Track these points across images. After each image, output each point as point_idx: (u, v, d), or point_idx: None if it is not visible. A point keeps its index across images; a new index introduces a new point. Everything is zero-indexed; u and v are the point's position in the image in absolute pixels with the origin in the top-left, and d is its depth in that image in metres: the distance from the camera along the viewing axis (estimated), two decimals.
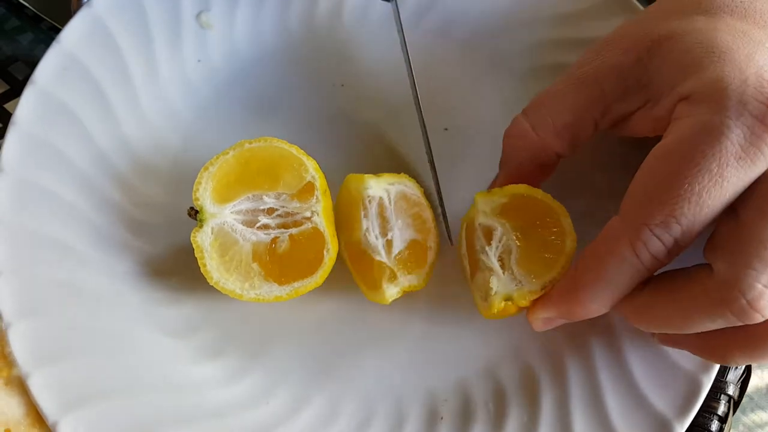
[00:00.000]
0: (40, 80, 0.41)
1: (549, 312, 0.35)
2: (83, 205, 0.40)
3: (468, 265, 0.38)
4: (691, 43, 0.32)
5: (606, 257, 0.32)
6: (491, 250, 0.36)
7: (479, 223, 0.37)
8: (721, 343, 0.33)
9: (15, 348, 0.36)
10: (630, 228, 0.31)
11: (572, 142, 0.37)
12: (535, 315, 0.36)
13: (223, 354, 0.40)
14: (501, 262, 0.36)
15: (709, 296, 0.30)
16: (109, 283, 0.40)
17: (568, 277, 0.34)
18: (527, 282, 0.36)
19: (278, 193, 0.39)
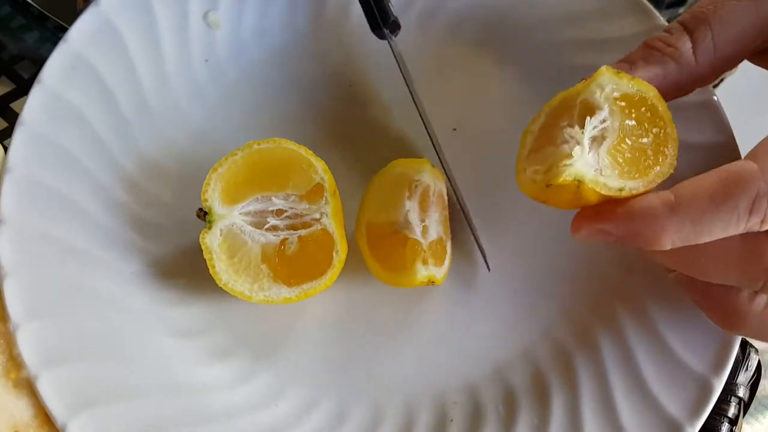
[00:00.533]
0: (47, 80, 0.41)
1: (618, 224, 0.31)
2: (91, 206, 0.40)
3: (530, 142, 0.34)
4: None
5: (721, 199, 0.29)
6: (589, 125, 0.31)
7: (585, 99, 0.32)
8: (736, 309, 0.33)
9: (23, 350, 0.36)
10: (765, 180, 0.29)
11: (722, 71, 0.35)
12: (596, 220, 0.32)
13: (232, 355, 0.40)
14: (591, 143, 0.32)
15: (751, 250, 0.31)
16: (117, 284, 0.39)
17: (660, 198, 0.30)
18: (609, 175, 0.31)
19: (287, 195, 0.38)
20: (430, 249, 0.38)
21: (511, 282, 0.41)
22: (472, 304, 0.41)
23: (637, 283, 0.40)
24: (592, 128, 0.31)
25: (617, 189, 0.31)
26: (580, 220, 0.32)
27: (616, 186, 0.31)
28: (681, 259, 0.33)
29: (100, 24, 0.42)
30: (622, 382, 0.38)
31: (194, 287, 0.40)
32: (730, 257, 0.31)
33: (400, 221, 0.38)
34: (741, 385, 0.41)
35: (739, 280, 0.32)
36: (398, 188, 0.38)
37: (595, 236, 0.32)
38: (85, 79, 0.42)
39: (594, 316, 0.40)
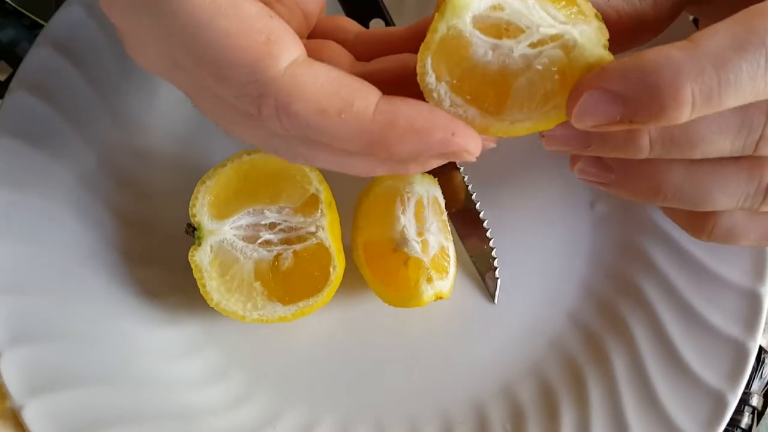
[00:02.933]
0: (21, 86, 0.39)
1: (628, 80, 0.26)
2: (74, 224, 0.39)
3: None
4: None
5: (745, 34, 0.25)
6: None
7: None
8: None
9: (6, 378, 0.35)
10: None
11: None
12: (601, 80, 0.26)
13: (227, 376, 0.39)
14: None
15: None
16: (105, 305, 0.38)
17: (674, 45, 0.26)
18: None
19: (280, 207, 0.37)
20: (433, 263, 0.37)
21: (518, 294, 0.40)
22: (477, 318, 0.39)
23: (650, 294, 0.38)
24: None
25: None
26: (577, 95, 0.27)
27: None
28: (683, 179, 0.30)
29: (77, 22, 0.40)
30: (634, 397, 0.37)
31: (186, 306, 0.39)
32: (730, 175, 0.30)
33: (397, 238, 0.36)
34: (755, 393, 0.40)
35: (737, 203, 0.31)
36: (390, 203, 0.37)
37: (593, 116, 0.27)
38: (62, 85, 0.39)
39: (604, 327, 0.39)
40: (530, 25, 0.27)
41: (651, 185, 0.31)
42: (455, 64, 0.27)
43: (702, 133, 0.28)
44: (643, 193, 0.32)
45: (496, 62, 0.27)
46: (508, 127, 0.28)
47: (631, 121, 0.26)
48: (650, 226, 0.39)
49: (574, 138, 0.30)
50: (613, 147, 0.29)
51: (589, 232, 0.40)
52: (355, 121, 0.26)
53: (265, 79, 0.25)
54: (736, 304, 0.37)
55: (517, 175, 0.41)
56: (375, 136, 0.26)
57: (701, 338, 0.37)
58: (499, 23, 0.27)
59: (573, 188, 0.41)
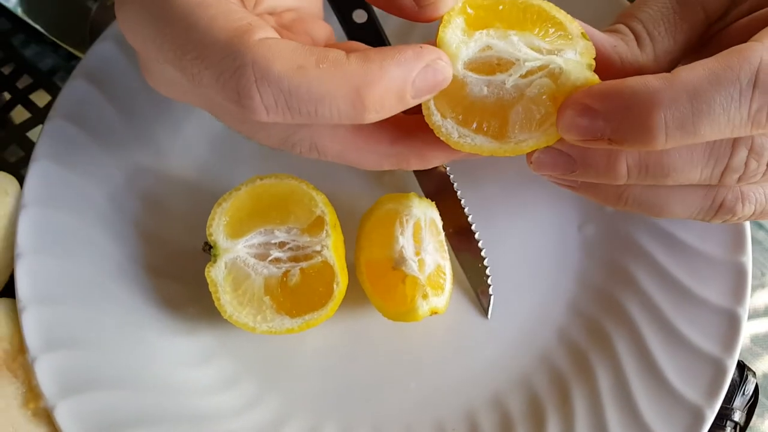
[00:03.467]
0: (59, 114, 0.43)
1: (608, 103, 0.28)
2: (102, 241, 0.42)
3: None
4: None
5: (720, 70, 0.27)
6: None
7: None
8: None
9: (41, 380, 0.38)
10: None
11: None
12: (584, 101, 0.29)
13: (238, 383, 0.41)
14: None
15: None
16: (128, 315, 0.41)
17: (654, 76, 0.28)
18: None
19: (289, 228, 0.39)
20: (429, 281, 0.39)
21: (510, 310, 0.42)
22: (470, 332, 0.42)
23: (634, 312, 0.40)
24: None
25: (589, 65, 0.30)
26: (564, 110, 0.29)
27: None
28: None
29: (108, 57, 0.44)
30: (617, 410, 0.39)
31: (201, 317, 0.42)
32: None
33: (396, 258, 0.39)
34: (737, 409, 0.42)
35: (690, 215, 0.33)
36: (390, 225, 0.39)
37: (577, 130, 0.29)
38: (94, 113, 0.43)
39: (590, 343, 0.41)
40: (516, 59, 0.30)
41: (616, 192, 0.33)
42: (456, 103, 0.31)
43: (674, 164, 0.30)
44: (607, 198, 0.34)
45: (492, 95, 0.31)
46: (514, 147, 0.31)
47: (611, 140, 0.28)
48: (635, 249, 0.41)
49: (560, 162, 0.32)
50: (595, 173, 0.31)
51: (577, 254, 0.43)
52: (334, 67, 0.26)
53: (241, 48, 0.26)
54: (715, 324, 0.39)
55: (510, 200, 0.44)
56: (357, 78, 0.26)
57: (682, 356, 0.39)
58: (490, 60, 0.31)
59: (562, 212, 0.43)
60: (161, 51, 0.29)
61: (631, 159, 0.30)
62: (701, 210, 0.33)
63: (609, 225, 0.42)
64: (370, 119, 0.28)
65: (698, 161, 0.30)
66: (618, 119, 0.28)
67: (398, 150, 0.32)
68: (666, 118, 0.27)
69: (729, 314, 0.39)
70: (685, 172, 0.31)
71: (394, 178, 0.45)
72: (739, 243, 0.40)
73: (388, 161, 0.32)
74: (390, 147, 0.31)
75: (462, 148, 0.31)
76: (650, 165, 0.31)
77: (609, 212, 0.43)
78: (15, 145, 0.50)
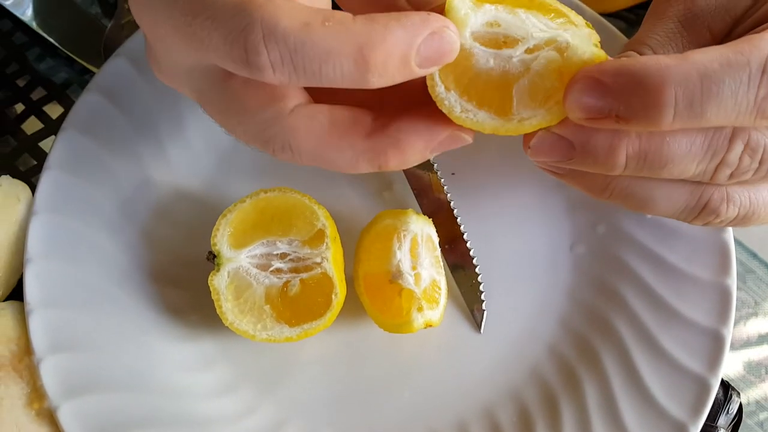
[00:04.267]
0: (72, 126, 0.44)
1: (618, 77, 0.28)
2: (110, 247, 0.43)
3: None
4: None
5: (731, 54, 0.27)
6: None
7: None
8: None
9: (46, 381, 0.39)
10: None
11: None
12: (593, 76, 0.29)
13: (237, 389, 0.42)
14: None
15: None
16: (133, 320, 0.42)
17: (666, 55, 0.28)
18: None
19: (291, 240, 0.41)
20: (424, 294, 0.40)
21: (502, 325, 0.43)
22: (463, 345, 0.43)
23: (621, 330, 0.42)
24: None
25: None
26: (573, 85, 0.29)
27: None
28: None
29: (121, 73, 0.45)
30: (604, 424, 0.40)
31: (203, 324, 0.43)
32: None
33: (393, 271, 0.40)
34: (721, 427, 0.43)
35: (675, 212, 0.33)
36: (388, 239, 0.41)
37: (585, 106, 0.29)
38: (106, 126, 0.45)
39: (579, 359, 0.42)
40: (525, 34, 0.30)
41: (603, 182, 0.33)
42: (461, 74, 0.30)
43: (673, 154, 0.30)
44: (593, 187, 0.34)
45: (498, 68, 0.30)
46: (517, 126, 0.30)
47: (618, 118, 0.28)
48: (624, 269, 0.43)
49: (559, 148, 0.31)
50: (593, 161, 0.31)
51: (568, 273, 0.44)
52: (339, 25, 0.26)
53: (249, 7, 0.26)
54: (700, 343, 0.40)
55: (505, 220, 0.45)
56: (361, 37, 0.26)
57: (667, 373, 0.40)
58: (496, 37, 0.30)
59: (555, 233, 0.45)
60: (171, 19, 0.29)
61: (632, 148, 0.30)
62: (686, 207, 0.33)
63: (599, 245, 0.44)
64: (373, 83, 0.27)
65: (696, 154, 0.30)
66: (628, 94, 0.28)
67: (374, 143, 0.30)
68: (677, 96, 0.27)
69: (713, 334, 0.40)
70: (682, 165, 0.30)
71: (393, 194, 0.46)
72: (725, 265, 0.41)
73: (365, 157, 0.30)
74: (366, 140, 0.30)
75: (464, 124, 0.30)
76: (649, 155, 0.30)
77: (600, 233, 0.44)
78: (27, 155, 0.52)
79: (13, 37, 0.56)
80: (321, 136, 0.30)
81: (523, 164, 0.45)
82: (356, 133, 0.30)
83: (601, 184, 0.33)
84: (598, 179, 0.33)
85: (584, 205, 0.45)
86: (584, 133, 0.31)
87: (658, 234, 0.43)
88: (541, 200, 0.45)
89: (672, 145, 0.30)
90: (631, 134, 0.30)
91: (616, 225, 0.44)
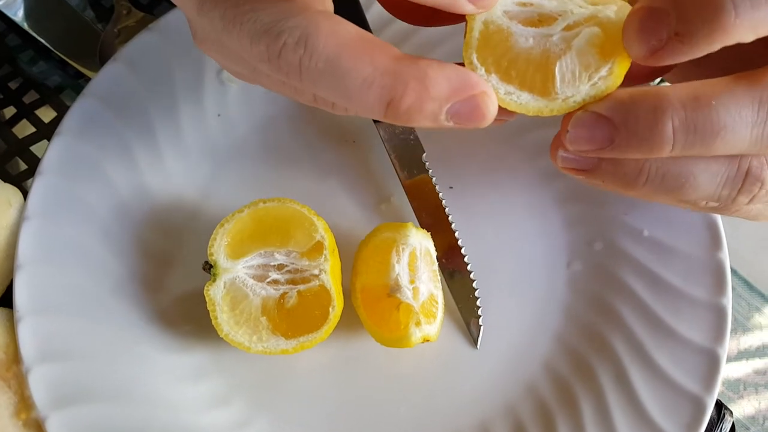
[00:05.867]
0: (67, 131, 0.44)
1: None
2: (103, 254, 0.42)
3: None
4: None
5: None
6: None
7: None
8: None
9: (34, 391, 0.38)
10: None
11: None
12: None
13: (230, 402, 0.42)
14: None
15: None
16: (125, 329, 0.42)
17: None
18: None
19: (288, 251, 0.40)
20: (422, 309, 0.40)
21: (498, 341, 0.43)
22: (460, 361, 0.43)
23: (618, 348, 0.42)
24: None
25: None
26: (631, 18, 0.28)
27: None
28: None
29: (118, 79, 0.45)
30: None
31: (198, 334, 0.42)
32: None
33: (391, 285, 0.40)
34: None
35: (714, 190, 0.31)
36: (387, 252, 0.40)
37: (645, 33, 0.27)
38: (102, 132, 0.44)
39: (575, 376, 0.42)
40: (562, 11, 0.29)
41: (636, 168, 0.31)
42: (501, 56, 0.29)
43: (723, 120, 0.28)
44: (627, 176, 0.31)
45: (538, 47, 0.29)
46: (561, 105, 0.30)
47: (677, 35, 0.26)
48: (620, 286, 0.43)
49: (600, 130, 0.29)
50: (638, 139, 0.29)
51: (564, 289, 0.44)
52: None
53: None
54: (695, 362, 0.40)
55: (503, 236, 0.45)
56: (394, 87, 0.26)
57: (663, 391, 0.40)
58: (531, 17, 0.30)
59: (552, 250, 0.45)
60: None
61: (678, 118, 0.28)
62: (728, 180, 0.31)
63: (596, 263, 0.44)
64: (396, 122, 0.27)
65: (749, 116, 0.28)
66: (685, 8, 0.26)
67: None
68: (744, 18, 0.26)
69: (709, 354, 0.40)
70: (736, 131, 0.28)
71: (391, 207, 0.46)
72: (720, 285, 0.41)
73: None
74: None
75: (507, 106, 0.29)
76: (699, 124, 0.28)
77: (597, 250, 0.44)
78: (18, 159, 0.51)
79: (5, 38, 0.55)
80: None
81: (522, 180, 0.46)
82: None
83: (635, 170, 0.31)
84: (632, 167, 0.31)
85: (581, 222, 0.45)
86: (626, 106, 0.29)
87: (654, 252, 0.43)
88: (539, 216, 0.46)
89: (721, 111, 0.28)
90: (675, 104, 0.28)
91: (613, 242, 0.44)
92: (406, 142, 0.45)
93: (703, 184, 0.31)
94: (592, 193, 0.45)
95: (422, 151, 0.45)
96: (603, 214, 0.45)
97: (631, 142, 0.29)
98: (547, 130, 0.46)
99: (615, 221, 0.44)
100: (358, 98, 0.27)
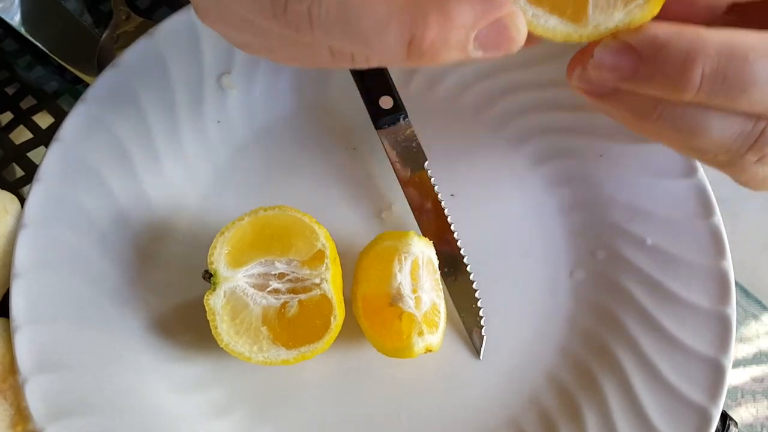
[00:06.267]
0: (65, 138, 0.43)
1: None
2: (102, 263, 0.42)
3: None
4: None
5: None
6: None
7: None
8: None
9: (31, 403, 0.38)
10: None
11: None
12: None
13: (230, 413, 0.41)
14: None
15: None
16: (124, 339, 0.41)
17: None
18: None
19: (289, 260, 0.40)
20: (425, 318, 0.40)
21: (501, 351, 0.43)
22: (462, 371, 0.42)
23: (622, 358, 0.41)
24: None
25: None
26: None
27: None
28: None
29: (117, 85, 0.44)
30: None
31: (197, 344, 0.42)
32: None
33: (393, 294, 0.39)
34: None
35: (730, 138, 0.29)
36: (389, 261, 0.40)
37: None
38: (101, 139, 0.43)
39: (578, 387, 0.41)
40: None
41: (651, 104, 0.30)
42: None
43: (757, 75, 0.27)
44: (639, 110, 0.30)
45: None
46: (591, 31, 0.28)
47: None
48: (623, 296, 0.43)
49: (626, 59, 0.28)
50: (662, 79, 0.28)
51: (567, 298, 0.44)
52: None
53: None
54: (700, 372, 0.40)
55: (506, 245, 0.45)
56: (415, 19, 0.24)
57: (668, 402, 0.40)
58: None
59: (555, 258, 0.44)
60: None
61: (709, 66, 0.27)
62: (740, 134, 0.29)
63: (599, 272, 0.44)
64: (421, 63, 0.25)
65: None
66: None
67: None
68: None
69: (714, 363, 0.40)
70: (765, 90, 0.27)
71: (392, 215, 0.46)
72: (724, 294, 0.41)
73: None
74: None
75: (534, 30, 0.28)
76: (729, 75, 0.27)
77: (600, 259, 0.44)
78: (15, 165, 0.50)
79: (2, 43, 0.55)
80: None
81: (524, 188, 0.46)
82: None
83: (649, 106, 0.30)
84: (647, 103, 0.30)
85: (584, 231, 0.45)
86: (659, 41, 0.28)
87: (657, 261, 0.42)
88: (542, 225, 0.45)
89: (756, 65, 0.27)
90: (710, 50, 0.27)
91: (616, 251, 0.44)
92: (408, 150, 0.45)
93: (716, 133, 0.29)
94: (595, 201, 0.44)
95: (424, 158, 0.45)
96: (606, 222, 0.44)
97: (655, 78, 0.28)
98: (550, 139, 0.46)
99: (618, 230, 0.44)
100: (376, 42, 0.25)
